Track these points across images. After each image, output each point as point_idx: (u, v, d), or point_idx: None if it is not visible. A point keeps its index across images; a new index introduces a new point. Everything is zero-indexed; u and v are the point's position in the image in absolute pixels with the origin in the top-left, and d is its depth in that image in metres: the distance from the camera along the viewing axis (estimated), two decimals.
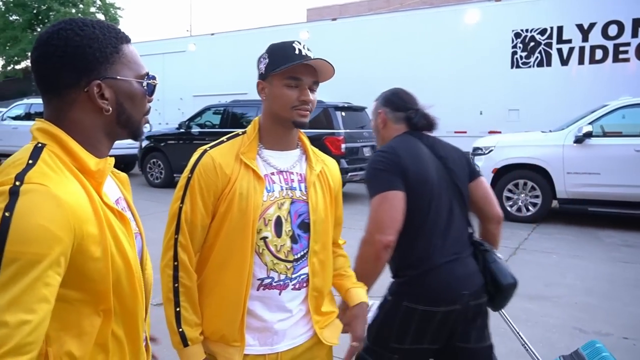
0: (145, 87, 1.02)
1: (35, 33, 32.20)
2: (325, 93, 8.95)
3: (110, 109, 0.97)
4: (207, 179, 1.39)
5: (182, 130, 10.03)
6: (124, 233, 0.95)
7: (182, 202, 1.39)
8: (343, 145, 8.31)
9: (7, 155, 13.14)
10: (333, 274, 1.57)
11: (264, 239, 1.39)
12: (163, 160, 10.19)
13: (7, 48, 32.44)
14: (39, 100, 13.82)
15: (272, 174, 1.44)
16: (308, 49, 1.41)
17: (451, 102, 9.97)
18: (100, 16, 32.24)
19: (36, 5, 31.01)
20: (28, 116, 12.28)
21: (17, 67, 34.60)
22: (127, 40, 1.01)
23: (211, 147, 1.44)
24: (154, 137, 10.54)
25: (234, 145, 1.44)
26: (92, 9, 32.18)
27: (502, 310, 1.99)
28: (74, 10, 30.87)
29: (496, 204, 1.99)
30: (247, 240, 1.36)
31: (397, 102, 2.01)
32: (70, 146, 0.92)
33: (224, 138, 1.48)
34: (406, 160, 1.78)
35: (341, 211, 1.61)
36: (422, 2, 21.30)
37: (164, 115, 14.07)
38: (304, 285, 1.45)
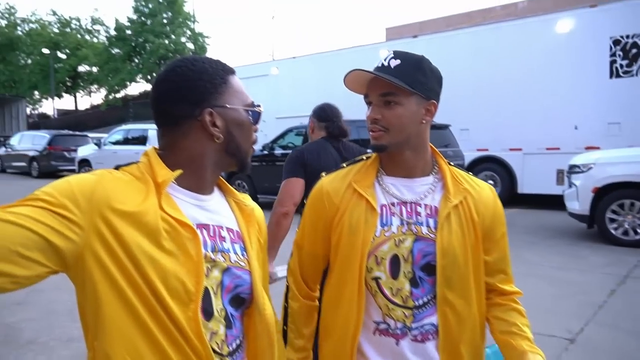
0: (251, 116, 1.05)
1: (133, 64, 34.99)
2: None
3: (221, 136, 1.00)
4: (315, 207, 1.35)
5: (265, 152, 10.26)
6: (176, 246, 0.93)
7: (299, 226, 1.41)
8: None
9: None
10: (502, 330, 1.28)
11: (377, 279, 1.24)
12: (247, 182, 10.48)
13: (110, 79, 35.37)
14: (136, 126, 15.04)
15: (393, 204, 1.26)
16: (382, 64, 1.26)
17: (541, 117, 9.42)
18: (190, 45, 34.36)
19: (134, 39, 33.63)
20: (126, 141, 13.21)
21: (117, 95, 37.68)
22: (232, 71, 1.05)
23: (327, 173, 1.38)
24: None
25: (351, 171, 1.33)
26: (183, 39, 34.33)
27: None
28: (167, 42, 33.12)
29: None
30: (355, 279, 1.23)
31: (321, 114, 2.66)
32: (152, 160, 0.98)
33: (344, 164, 1.39)
34: (308, 157, 2.43)
35: (502, 253, 1.32)
36: (505, 14, 20.55)
37: None
38: (430, 337, 1.23)
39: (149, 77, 35.30)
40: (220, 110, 1.00)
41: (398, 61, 1.23)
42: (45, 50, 35.98)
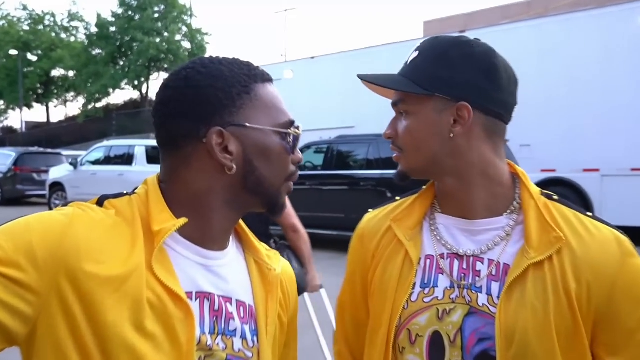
0: (285, 140, 0.94)
1: (117, 67, 35.67)
2: None
3: (235, 166, 0.90)
4: (352, 254, 1.25)
5: None
6: (162, 328, 0.82)
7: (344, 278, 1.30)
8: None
9: None
10: None
11: None
12: None
13: (89, 85, 36.08)
14: (120, 142, 15.17)
15: (442, 256, 1.08)
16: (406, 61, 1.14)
17: (625, 129, 9.21)
18: (186, 44, 34.98)
19: (119, 37, 34.38)
20: (108, 160, 13.35)
21: (98, 105, 38.36)
22: (263, 79, 0.95)
23: (377, 206, 1.25)
24: None
25: (401, 205, 1.18)
26: (178, 37, 34.97)
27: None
28: (158, 40, 33.76)
29: (291, 216, 3.04)
30: (379, 359, 1.08)
31: None
32: (150, 195, 0.91)
33: (397, 197, 1.22)
34: None
35: (623, 339, 1.00)
36: (573, 3, 20.49)
37: None
38: None
39: (135, 82, 35.93)
40: (237, 131, 0.90)
41: (416, 53, 1.10)
42: (13, 52, 36.91)
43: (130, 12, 33.92)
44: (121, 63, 35.02)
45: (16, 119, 50.69)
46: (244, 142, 0.90)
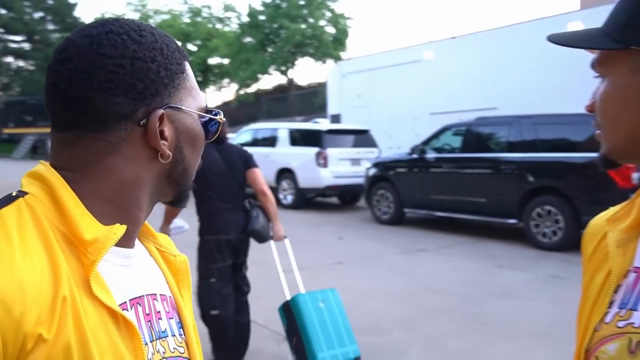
0: (206, 126, 0.85)
1: (265, 54, 37.15)
2: None
3: (170, 153, 0.78)
4: (582, 248, 1.04)
5: (414, 155, 10.11)
6: (120, 351, 0.71)
7: None
8: (635, 175, 7.24)
9: None
10: None
11: None
12: (392, 192, 10.40)
13: (241, 72, 38.00)
14: (265, 125, 15.82)
15: None
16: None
17: None
18: (330, 29, 35.47)
19: (268, 25, 35.72)
20: (255, 142, 13.98)
21: (249, 90, 40.30)
22: (187, 57, 0.85)
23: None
24: (382, 164, 10.87)
25: (627, 202, 0.94)
26: (322, 22, 35.59)
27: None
28: (303, 26, 34.61)
29: (261, 183, 4.04)
30: None
31: None
32: (62, 199, 0.72)
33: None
34: None
35: None
36: None
37: (394, 138, 14.49)
38: None
39: (282, 68, 37.21)
40: (172, 114, 0.78)
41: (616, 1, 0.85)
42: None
43: (277, 1, 35.03)
44: (269, 50, 36.33)
45: None
46: (177, 127, 0.79)
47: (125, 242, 0.78)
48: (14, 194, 0.74)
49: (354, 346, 3.71)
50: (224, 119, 0.89)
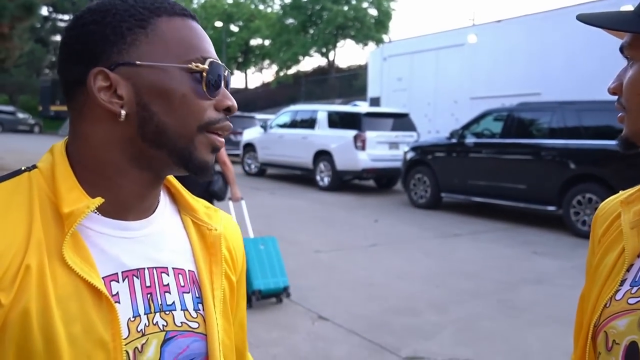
0: (200, 80, 0.78)
1: (307, 35, 37.11)
2: None
3: (124, 112, 0.76)
4: (590, 237, 1.06)
5: (453, 140, 10.03)
6: (82, 327, 0.71)
7: None
8: None
9: (274, 165, 15.00)
10: None
11: None
12: (429, 176, 10.36)
13: (282, 53, 38.04)
14: (305, 107, 15.82)
15: None
16: None
17: None
18: (373, 11, 35.12)
19: (310, 7, 35.61)
20: (294, 124, 14.07)
21: (289, 72, 40.34)
22: (172, 12, 0.80)
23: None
24: (421, 147, 10.82)
25: None
26: (365, 4, 35.26)
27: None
28: (346, 8, 34.36)
29: (223, 154, 4.77)
30: (578, 356, 0.95)
31: None
32: (56, 173, 0.77)
33: None
34: None
35: None
36: None
37: (434, 122, 14.38)
38: None
39: (323, 50, 37.12)
40: (128, 71, 0.76)
41: None
42: (218, 24, 40.18)
43: None
44: (311, 32, 36.30)
45: None
46: (136, 83, 0.76)
47: (124, 213, 0.80)
48: (22, 168, 0.80)
49: (284, 278, 4.97)
50: (224, 70, 0.82)
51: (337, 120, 12.73)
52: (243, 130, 16.47)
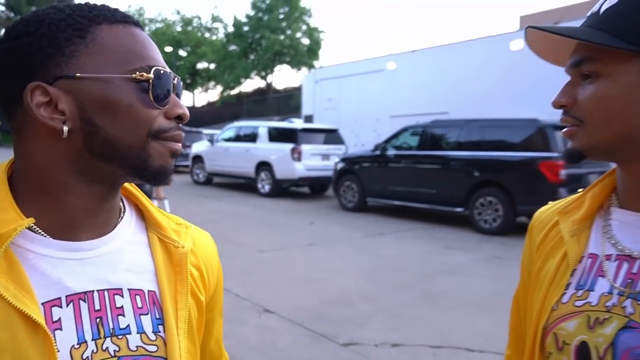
0: (147, 89, 0.66)
1: (248, 60, 36.79)
2: (541, 110, 8.17)
3: (66, 128, 0.63)
4: (524, 245, 0.99)
5: (377, 152, 10.15)
6: (22, 350, 0.60)
7: None
8: (563, 172, 7.40)
9: (220, 175, 14.67)
10: None
11: None
12: (357, 183, 10.43)
13: (226, 76, 37.58)
14: (247, 123, 15.68)
15: (609, 258, 0.80)
16: (592, 12, 0.80)
17: None
18: (306, 40, 35.30)
19: (251, 35, 35.39)
20: (237, 138, 13.85)
21: (232, 92, 39.90)
22: (114, 20, 0.67)
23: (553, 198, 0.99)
24: (349, 159, 10.88)
25: (574, 197, 0.91)
26: (298, 34, 35.39)
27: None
28: (282, 37, 34.37)
29: None
30: (527, 357, 0.87)
31: None
32: None
33: (580, 189, 0.94)
34: None
35: None
36: None
37: (360, 137, 14.52)
38: None
39: (262, 73, 36.95)
40: (68, 85, 0.63)
41: (614, 1, 0.75)
42: (168, 49, 39.28)
43: (260, 14, 34.75)
44: (251, 57, 36.08)
45: None
46: (78, 97, 0.64)
47: (73, 232, 0.68)
48: None
49: None
50: (173, 78, 0.70)
51: (276, 135, 12.63)
52: (192, 144, 16.09)
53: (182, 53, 41.54)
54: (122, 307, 0.68)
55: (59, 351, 0.61)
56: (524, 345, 0.94)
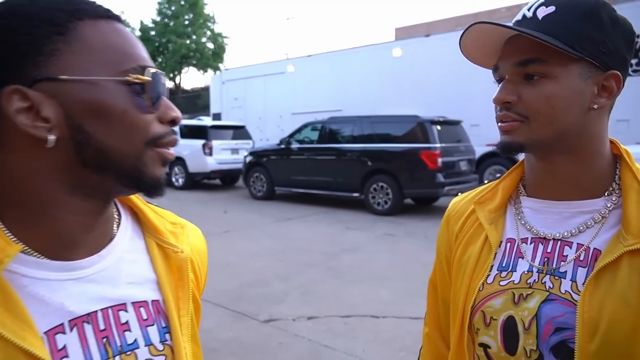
0: (140, 92, 0.54)
1: (156, 63, 34.83)
2: (421, 107, 8.53)
3: (53, 137, 0.50)
4: (440, 233, 0.96)
5: (282, 146, 10.05)
6: None
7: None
8: (440, 160, 7.82)
9: None
10: None
11: (484, 347, 0.79)
12: (265, 174, 10.28)
13: None
14: None
15: (525, 241, 0.80)
16: (525, 15, 0.75)
17: None
18: (210, 45, 34.11)
19: (158, 39, 33.53)
20: None
21: None
22: (96, 14, 0.54)
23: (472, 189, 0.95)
24: (257, 152, 10.68)
25: (486, 187, 0.90)
26: (203, 39, 34.12)
27: None
28: (188, 42, 32.94)
29: None
30: (456, 342, 0.83)
31: None
32: None
33: (486, 181, 0.93)
34: None
35: None
36: (510, 15, 20.03)
37: (265, 132, 14.36)
38: None
39: (170, 75, 35.25)
40: (51, 88, 0.50)
41: (551, 8, 0.72)
42: None
43: (166, 20, 33.06)
44: (159, 60, 34.20)
45: None
46: (63, 101, 0.51)
47: (69, 251, 0.55)
48: None
49: None
50: (164, 78, 0.57)
51: (187, 132, 12.04)
52: None
53: None
54: (127, 322, 0.59)
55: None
56: (442, 324, 0.95)
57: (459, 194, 0.98)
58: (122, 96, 0.53)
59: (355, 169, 8.73)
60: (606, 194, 0.76)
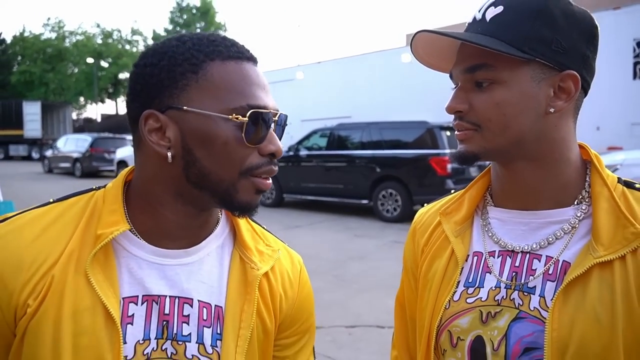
0: (243, 129, 0.62)
1: None
2: (430, 113, 8.45)
3: (170, 154, 0.63)
4: (406, 247, 0.91)
5: (291, 153, 10.03)
6: (97, 335, 0.61)
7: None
8: (449, 166, 7.71)
9: None
10: None
11: None
12: (274, 181, 10.23)
13: None
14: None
15: (492, 254, 0.75)
16: (475, 18, 0.72)
17: None
18: None
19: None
20: None
21: None
22: (228, 56, 0.64)
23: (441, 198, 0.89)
24: None
25: (452, 197, 0.85)
26: None
27: None
28: None
29: None
30: (422, 357, 0.79)
31: None
32: (107, 196, 0.68)
33: (452, 190, 0.88)
34: None
35: None
36: None
37: None
38: None
39: None
40: (176, 115, 0.63)
41: (499, 9, 0.68)
42: (90, 60, 36.70)
43: (178, 28, 33.47)
44: None
45: (93, 111, 50.89)
46: (182, 127, 0.63)
47: (163, 241, 0.67)
48: (94, 187, 0.71)
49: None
50: (272, 115, 0.66)
51: None
52: (116, 150, 15.10)
53: (104, 64, 38.96)
54: (188, 315, 0.67)
55: (125, 343, 0.62)
56: (411, 346, 0.89)
57: (425, 204, 0.93)
58: (225, 129, 0.62)
59: (364, 175, 8.66)
60: (576, 203, 0.71)
